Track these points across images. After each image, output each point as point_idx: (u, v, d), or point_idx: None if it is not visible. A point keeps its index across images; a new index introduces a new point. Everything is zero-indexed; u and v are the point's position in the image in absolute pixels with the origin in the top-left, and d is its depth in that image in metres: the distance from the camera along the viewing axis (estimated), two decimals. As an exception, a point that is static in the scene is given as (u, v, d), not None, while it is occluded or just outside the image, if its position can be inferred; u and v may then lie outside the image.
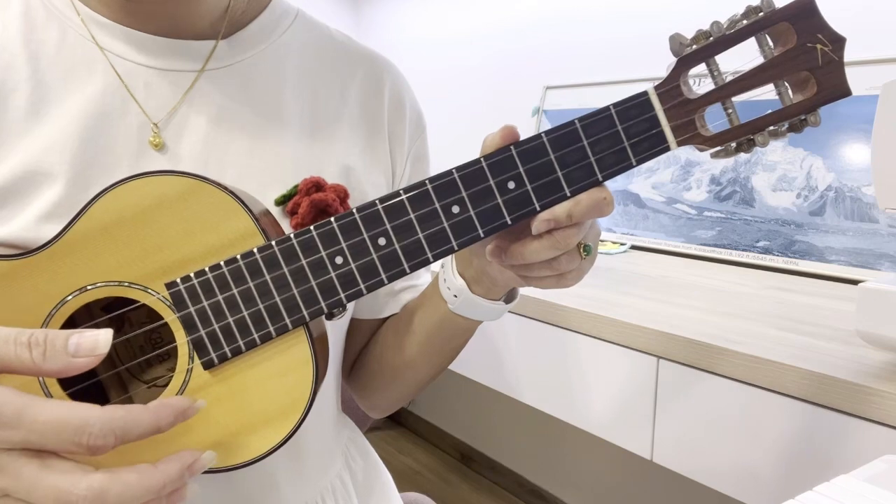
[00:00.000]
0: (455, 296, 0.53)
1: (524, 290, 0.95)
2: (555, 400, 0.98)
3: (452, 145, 1.76)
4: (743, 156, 1.19)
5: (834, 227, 1.07)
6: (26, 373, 0.35)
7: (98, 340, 0.36)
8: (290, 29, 0.59)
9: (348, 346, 0.66)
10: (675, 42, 0.42)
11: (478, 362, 1.10)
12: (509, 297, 0.55)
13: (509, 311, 0.56)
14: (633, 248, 1.35)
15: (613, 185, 1.41)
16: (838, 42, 0.40)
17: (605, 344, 0.87)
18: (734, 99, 0.42)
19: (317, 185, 0.52)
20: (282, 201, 0.52)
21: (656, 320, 0.82)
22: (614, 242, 1.37)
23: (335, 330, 0.60)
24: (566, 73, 1.57)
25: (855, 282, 0.87)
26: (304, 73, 0.58)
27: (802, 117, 0.42)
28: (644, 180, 1.35)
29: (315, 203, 0.51)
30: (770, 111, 0.42)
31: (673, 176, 1.31)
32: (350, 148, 0.58)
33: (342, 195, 0.53)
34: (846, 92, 0.41)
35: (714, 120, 0.43)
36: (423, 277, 0.67)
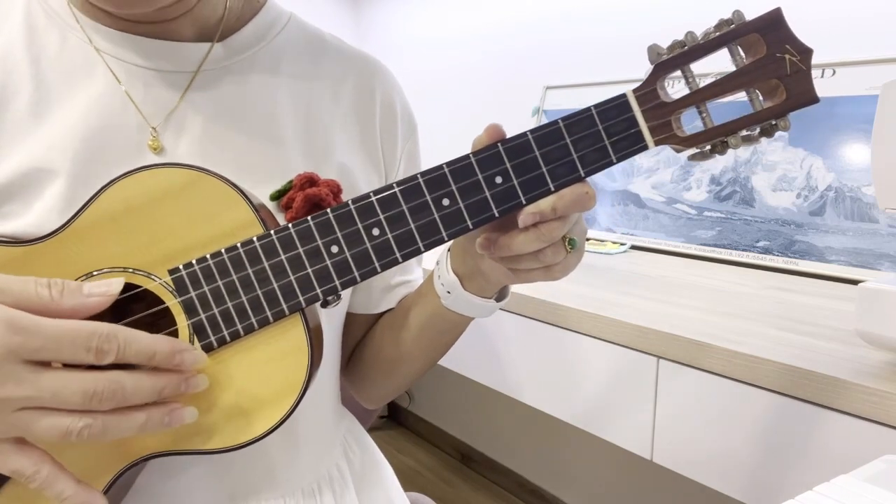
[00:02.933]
0: (448, 291, 0.55)
1: (525, 290, 0.96)
2: (555, 400, 0.98)
3: (452, 145, 1.76)
4: (743, 156, 1.19)
5: (834, 227, 1.07)
6: (42, 310, 0.38)
7: (110, 283, 0.41)
8: (283, 31, 0.60)
9: (345, 341, 0.67)
10: (653, 52, 0.45)
11: (478, 362, 1.10)
12: (500, 295, 0.56)
13: (509, 311, 0.56)
14: (633, 248, 1.35)
15: (613, 184, 1.41)
16: (805, 53, 0.43)
17: (605, 344, 0.87)
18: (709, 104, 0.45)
19: (310, 181, 0.54)
20: (276, 196, 0.54)
21: (656, 320, 0.82)
22: (614, 242, 1.37)
23: (333, 322, 0.62)
24: (566, 73, 1.57)
25: (855, 282, 0.87)
26: (298, 74, 0.59)
27: (773, 122, 0.44)
28: (644, 180, 1.35)
29: (309, 198, 0.53)
30: (743, 115, 0.44)
31: (673, 176, 1.31)
32: (344, 147, 0.59)
33: (335, 190, 0.55)
34: (814, 99, 0.43)
35: (690, 123, 0.45)
36: (416, 272, 0.68)
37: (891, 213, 0.99)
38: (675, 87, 0.45)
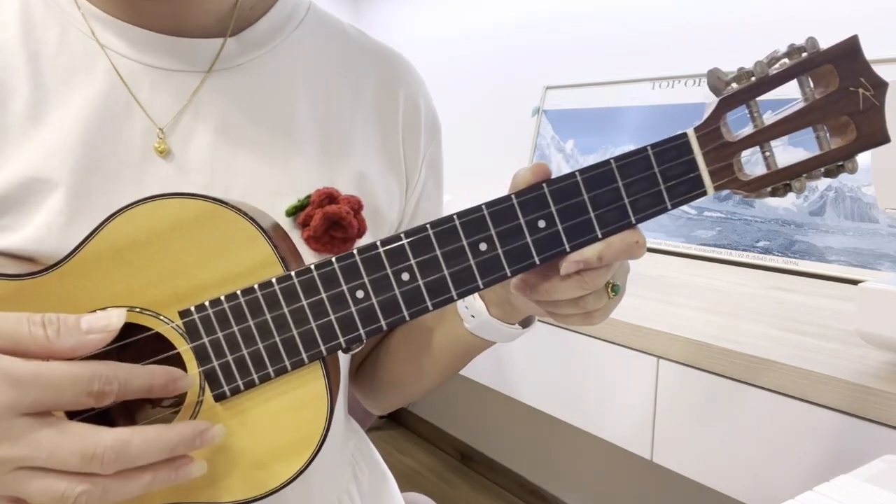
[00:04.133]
0: (473, 316, 0.52)
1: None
2: (555, 400, 0.98)
3: (451, 145, 1.76)
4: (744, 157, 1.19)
5: (834, 227, 1.07)
6: (39, 352, 0.35)
7: (111, 317, 0.38)
8: (301, 25, 0.56)
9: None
10: (714, 78, 0.40)
11: (478, 362, 1.09)
12: (525, 320, 0.54)
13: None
14: (633, 248, 1.34)
15: (613, 185, 1.41)
16: (881, 87, 0.39)
17: (605, 344, 0.87)
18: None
19: (330, 197, 0.51)
20: (293, 212, 0.51)
21: (656, 320, 0.82)
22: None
23: None
24: (566, 73, 1.57)
25: (855, 282, 0.87)
26: (317, 72, 0.55)
27: (840, 163, 0.41)
28: (644, 180, 1.35)
29: (328, 216, 0.50)
30: (808, 157, 0.41)
31: (673, 176, 1.30)
32: (364, 153, 0.56)
33: (356, 207, 0.52)
34: (885, 139, 0.40)
35: (749, 160, 0.42)
36: None
37: (891, 213, 0.99)
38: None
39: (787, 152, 0.42)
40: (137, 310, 0.42)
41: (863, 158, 1.12)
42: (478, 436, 2.12)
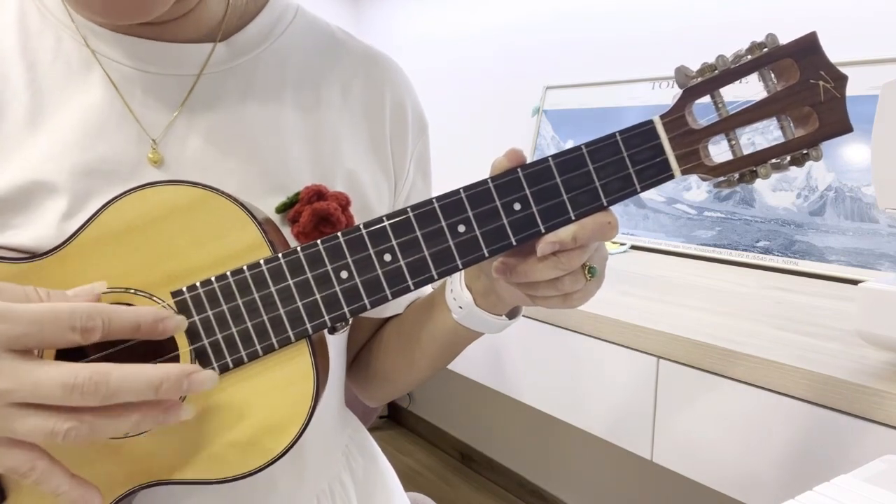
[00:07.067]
0: (460, 307, 0.53)
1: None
2: (555, 400, 0.98)
3: (452, 145, 1.76)
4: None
5: (834, 227, 1.07)
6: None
7: (94, 285, 0.41)
8: (289, 28, 0.58)
9: (349, 343, 0.66)
10: (681, 74, 0.43)
11: (478, 362, 1.10)
12: (512, 312, 0.55)
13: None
14: (633, 248, 1.35)
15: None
16: (840, 80, 0.41)
17: (605, 344, 0.87)
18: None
19: (318, 194, 0.52)
20: (282, 209, 0.52)
21: (656, 320, 0.82)
22: (614, 242, 1.37)
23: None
24: (566, 73, 1.57)
25: (855, 282, 0.87)
26: (305, 74, 0.57)
27: (804, 151, 0.43)
28: (644, 180, 1.35)
29: (316, 212, 0.51)
30: (773, 144, 0.43)
31: (673, 176, 1.30)
32: (352, 151, 0.57)
33: (344, 203, 0.53)
34: (847, 128, 0.42)
35: (717, 150, 0.44)
36: None
37: (891, 213, 0.99)
38: (701, 102, 0.43)
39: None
40: (132, 291, 0.43)
41: (862, 158, 1.11)
42: (478, 436, 2.12)
